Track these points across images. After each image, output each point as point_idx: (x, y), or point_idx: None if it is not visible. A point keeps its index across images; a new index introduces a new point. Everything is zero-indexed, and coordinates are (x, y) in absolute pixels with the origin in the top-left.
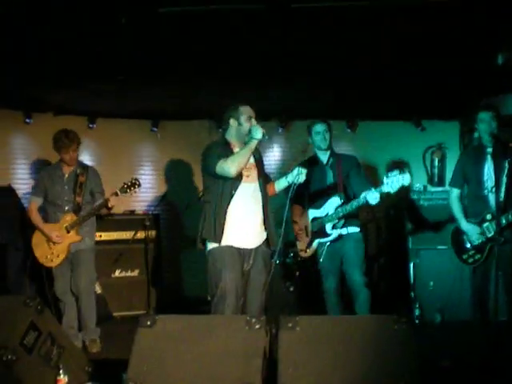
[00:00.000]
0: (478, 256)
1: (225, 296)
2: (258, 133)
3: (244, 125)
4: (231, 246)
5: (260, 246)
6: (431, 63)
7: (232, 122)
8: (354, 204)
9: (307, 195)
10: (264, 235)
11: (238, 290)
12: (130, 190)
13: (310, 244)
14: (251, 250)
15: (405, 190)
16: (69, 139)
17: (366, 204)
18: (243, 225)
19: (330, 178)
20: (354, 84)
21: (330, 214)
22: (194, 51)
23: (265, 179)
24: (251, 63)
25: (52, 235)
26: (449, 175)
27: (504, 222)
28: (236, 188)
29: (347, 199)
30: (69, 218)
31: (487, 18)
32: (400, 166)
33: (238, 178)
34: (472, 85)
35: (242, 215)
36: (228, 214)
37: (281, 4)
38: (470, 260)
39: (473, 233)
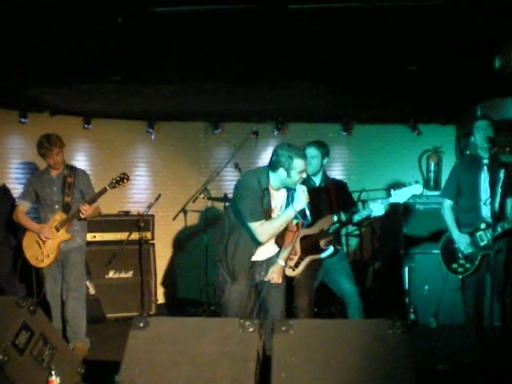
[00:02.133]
0: (468, 265)
1: (227, 305)
2: (301, 203)
3: (293, 178)
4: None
5: (273, 256)
6: (428, 67)
7: (282, 172)
8: (356, 218)
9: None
10: (276, 247)
11: (242, 301)
12: (119, 184)
13: (299, 262)
14: (263, 261)
15: None
16: (50, 143)
17: (369, 217)
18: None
19: (322, 198)
20: (351, 87)
21: (324, 231)
22: (190, 52)
23: None
24: (248, 65)
25: (41, 231)
26: (445, 179)
27: (499, 230)
28: None
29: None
30: (58, 216)
31: (484, 22)
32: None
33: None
34: (468, 89)
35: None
36: (238, 250)
37: (278, 5)
38: (460, 269)
39: (464, 243)
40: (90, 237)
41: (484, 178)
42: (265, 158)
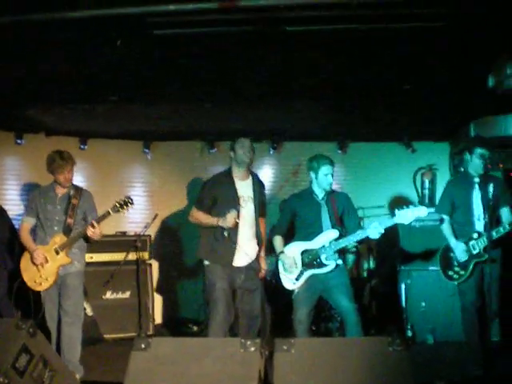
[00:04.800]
0: (462, 272)
1: (217, 302)
2: (226, 222)
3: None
4: (222, 264)
5: (251, 263)
6: (422, 86)
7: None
8: (351, 239)
9: (298, 227)
10: (254, 254)
11: (228, 301)
12: (123, 208)
13: (299, 276)
14: (242, 267)
15: None
16: (63, 160)
17: (366, 238)
18: (231, 252)
19: (324, 212)
20: (345, 106)
21: (326, 246)
22: (187, 73)
23: (262, 207)
24: (243, 85)
25: (34, 254)
26: (439, 196)
27: (495, 234)
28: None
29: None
30: (58, 239)
31: (478, 40)
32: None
33: (234, 204)
34: (462, 107)
35: (231, 244)
36: (217, 239)
37: (276, 27)
38: (456, 276)
39: (460, 250)
40: (87, 257)
41: (476, 195)
42: (261, 176)
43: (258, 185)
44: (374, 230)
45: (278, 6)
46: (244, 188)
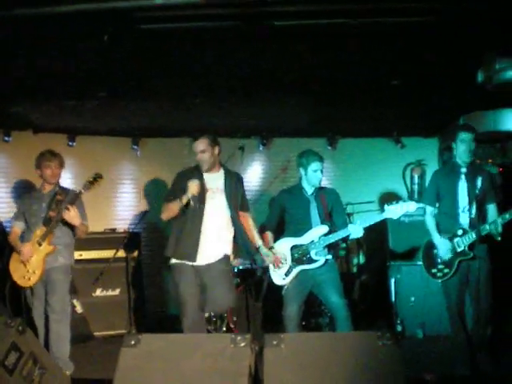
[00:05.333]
0: (446, 270)
1: (182, 306)
2: (190, 191)
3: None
4: (184, 263)
5: (214, 263)
6: (410, 81)
7: None
8: (339, 235)
9: (287, 222)
10: (221, 254)
11: (195, 299)
12: (93, 184)
13: (289, 272)
14: (202, 266)
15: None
16: (53, 154)
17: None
18: (195, 242)
19: (313, 208)
20: (335, 101)
21: (315, 241)
22: (175, 68)
23: (237, 199)
24: (233, 81)
25: (21, 251)
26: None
27: (474, 236)
28: (194, 209)
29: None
30: (39, 231)
31: (467, 36)
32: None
33: (201, 196)
34: (451, 102)
35: (195, 233)
36: (183, 232)
37: (264, 22)
38: (439, 274)
39: (444, 247)
40: (76, 255)
41: (462, 186)
42: (251, 173)
43: (230, 177)
44: (355, 228)
45: (266, 0)
46: (212, 180)
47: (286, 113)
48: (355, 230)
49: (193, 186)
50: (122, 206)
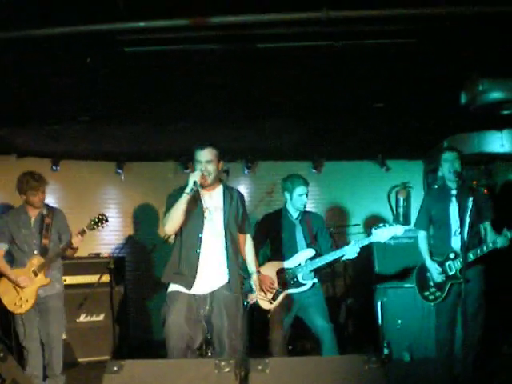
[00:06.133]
0: (438, 293)
1: (167, 339)
2: (193, 178)
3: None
4: (180, 292)
5: (218, 290)
6: (394, 104)
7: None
8: (328, 258)
9: (272, 246)
10: (224, 279)
11: (184, 334)
12: (98, 226)
13: (276, 295)
14: (206, 295)
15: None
16: (36, 181)
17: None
18: (194, 270)
19: (299, 231)
20: (319, 125)
21: (302, 265)
22: (159, 92)
23: (238, 220)
24: (217, 104)
25: (19, 280)
26: (414, 214)
27: (472, 257)
28: (192, 233)
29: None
30: (35, 261)
31: (449, 57)
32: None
33: (200, 215)
34: (435, 125)
35: (193, 260)
36: (181, 258)
37: (247, 44)
38: (431, 297)
39: (435, 271)
40: None
41: (453, 209)
42: None
43: (231, 195)
44: (350, 249)
45: (248, 23)
46: (211, 199)
47: (270, 136)
48: (351, 251)
49: (196, 174)
50: (107, 230)
